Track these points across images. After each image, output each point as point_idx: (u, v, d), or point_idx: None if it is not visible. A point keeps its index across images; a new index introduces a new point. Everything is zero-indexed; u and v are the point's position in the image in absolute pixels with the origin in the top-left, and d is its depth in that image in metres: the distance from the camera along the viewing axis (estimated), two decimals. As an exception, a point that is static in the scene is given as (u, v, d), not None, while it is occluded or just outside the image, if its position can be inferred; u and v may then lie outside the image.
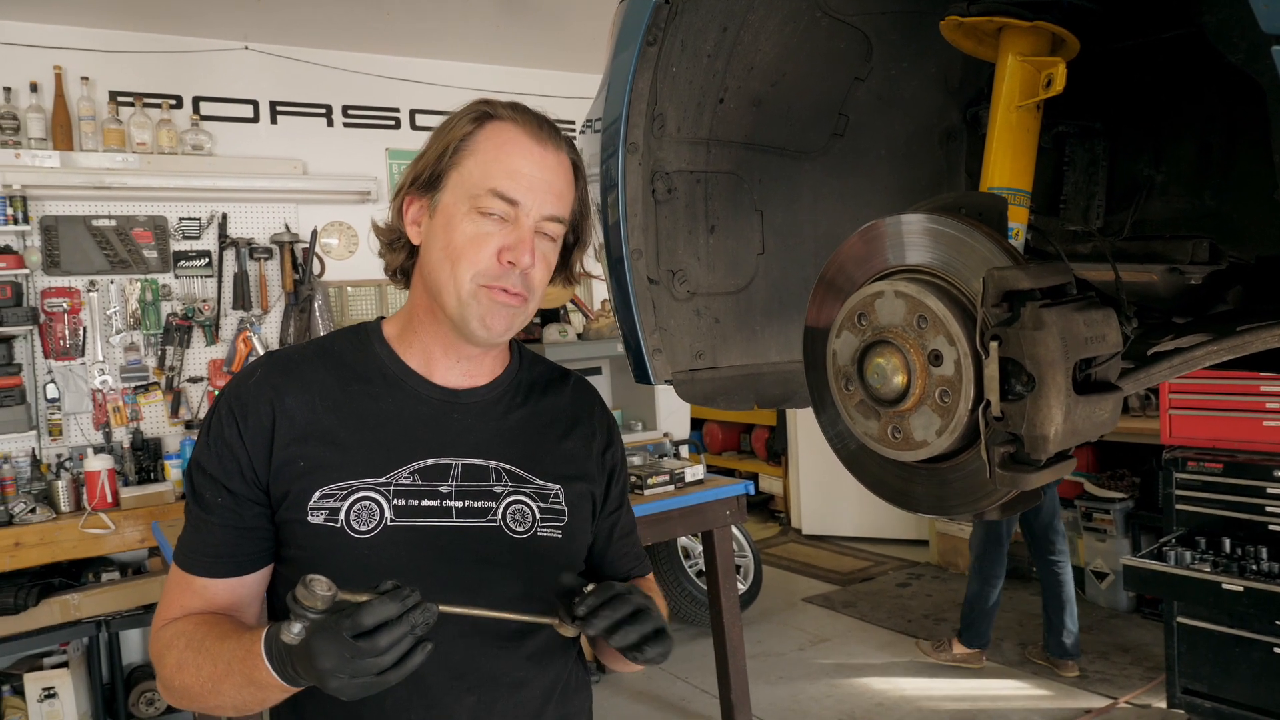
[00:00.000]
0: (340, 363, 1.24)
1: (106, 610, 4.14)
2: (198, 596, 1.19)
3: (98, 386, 4.48)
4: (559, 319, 5.43)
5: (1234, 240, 1.17)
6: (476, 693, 1.20)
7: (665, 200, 1.37)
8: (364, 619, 0.94)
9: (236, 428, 1.17)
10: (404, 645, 0.96)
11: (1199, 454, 3.70)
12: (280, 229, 4.94)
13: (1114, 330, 0.94)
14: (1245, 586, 3.30)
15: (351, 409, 1.21)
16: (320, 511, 1.15)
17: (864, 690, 4.31)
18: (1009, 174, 1.11)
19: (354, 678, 0.95)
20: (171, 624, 1.19)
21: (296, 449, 1.17)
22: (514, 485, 1.24)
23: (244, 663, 1.05)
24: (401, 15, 4.75)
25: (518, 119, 1.18)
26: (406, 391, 1.24)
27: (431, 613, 0.98)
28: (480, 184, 1.15)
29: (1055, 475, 0.94)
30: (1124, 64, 1.24)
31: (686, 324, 1.42)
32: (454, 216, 1.16)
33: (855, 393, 1.07)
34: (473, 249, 1.15)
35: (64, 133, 4.42)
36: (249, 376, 1.22)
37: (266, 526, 1.19)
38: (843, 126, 1.47)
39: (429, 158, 1.18)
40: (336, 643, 0.95)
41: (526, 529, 1.23)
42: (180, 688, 1.14)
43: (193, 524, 1.21)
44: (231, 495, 1.17)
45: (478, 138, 1.17)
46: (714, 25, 1.29)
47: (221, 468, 1.17)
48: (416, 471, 1.20)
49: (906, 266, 1.04)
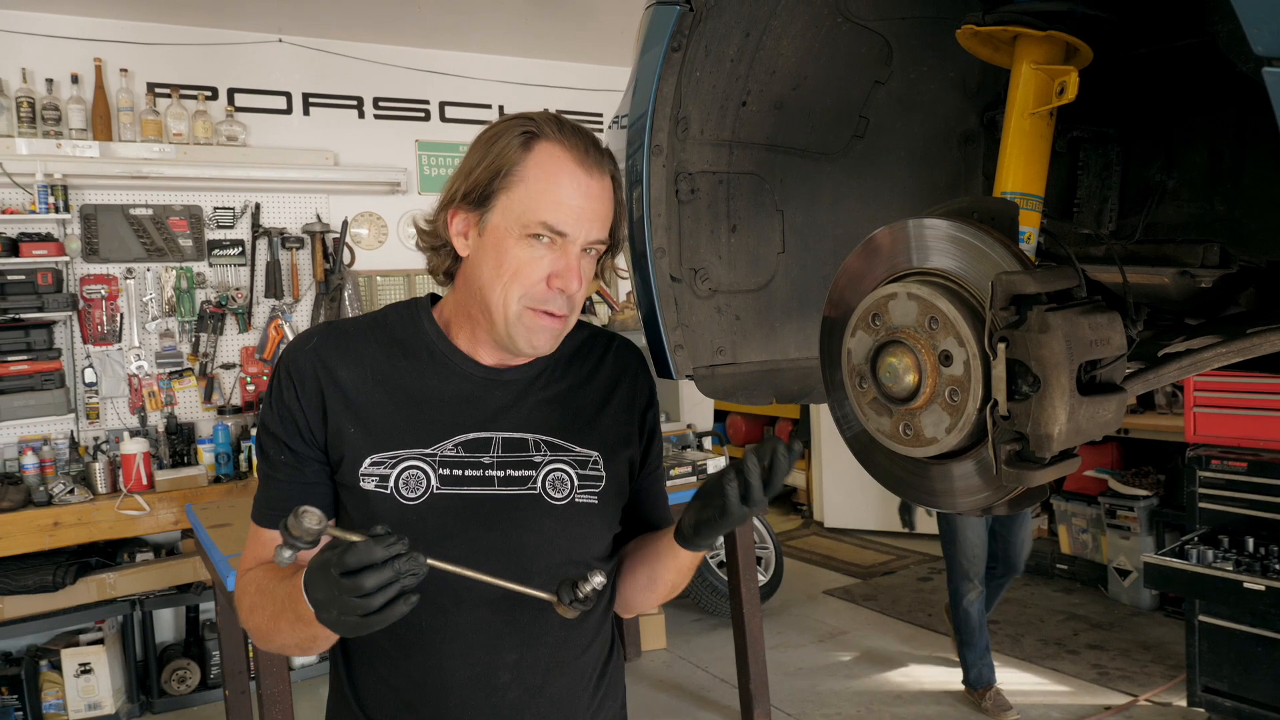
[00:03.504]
0: (391, 338, 1.31)
1: (141, 590, 4.26)
2: (268, 548, 1.27)
3: (134, 372, 4.59)
4: (584, 311, 5.48)
5: (1244, 245, 1.19)
6: (519, 650, 1.27)
7: (688, 200, 1.41)
8: (348, 559, 0.99)
9: (295, 391, 1.25)
10: (389, 592, 0.99)
11: (1223, 452, 3.68)
12: (312, 219, 5.02)
13: (1118, 333, 0.97)
14: (1267, 586, 3.30)
15: (399, 384, 1.28)
16: (371, 478, 1.23)
17: (882, 683, 4.34)
18: (1022, 179, 1.14)
19: (343, 614, 1.00)
20: (248, 572, 1.28)
21: (347, 418, 1.25)
22: (553, 454, 1.31)
23: (292, 599, 1.11)
24: (432, 8, 4.81)
25: (565, 142, 1.21)
26: (451, 369, 1.30)
27: (419, 563, 1.01)
28: (531, 214, 1.20)
29: (1059, 473, 0.98)
30: (1137, 72, 1.26)
31: (708, 321, 1.46)
32: (504, 239, 1.21)
33: (869, 390, 1.11)
34: (524, 273, 1.21)
35: (103, 123, 4.52)
36: (306, 342, 1.29)
37: (328, 483, 1.28)
38: (863, 129, 1.50)
39: (479, 178, 1.22)
40: (326, 577, 1.01)
41: (565, 495, 1.29)
42: (254, 629, 1.23)
43: (263, 481, 1.30)
44: (293, 453, 1.26)
45: (527, 163, 1.20)
46: (737, 31, 1.33)
47: (284, 428, 1.26)
48: (460, 444, 1.27)
49: (920, 269, 1.08)
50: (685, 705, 4.24)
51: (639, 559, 1.39)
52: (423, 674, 1.26)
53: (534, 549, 1.27)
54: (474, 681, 1.26)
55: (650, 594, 1.39)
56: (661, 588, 1.37)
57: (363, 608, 0.99)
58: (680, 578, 1.36)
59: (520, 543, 1.26)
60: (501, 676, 1.26)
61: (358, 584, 0.99)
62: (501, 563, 1.22)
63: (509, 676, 1.27)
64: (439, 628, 1.24)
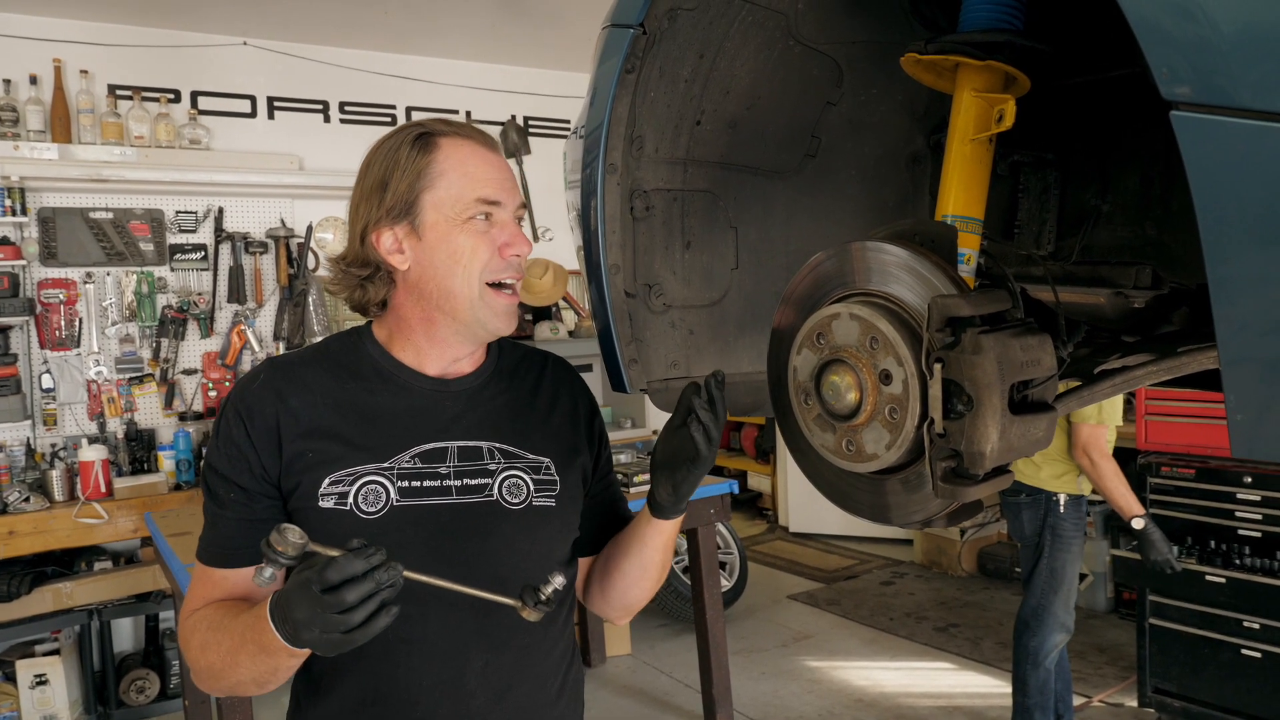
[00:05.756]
0: (337, 364, 1.34)
1: (98, 599, 4.20)
2: (217, 587, 1.28)
3: (93, 377, 4.54)
4: (551, 316, 5.49)
5: (1174, 268, 1.24)
6: (485, 656, 1.29)
7: (643, 218, 1.44)
8: (330, 574, 1.00)
9: (244, 429, 1.26)
10: (370, 606, 1.01)
11: (1173, 459, 3.78)
12: (276, 223, 5.00)
13: (1049, 355, 1.01)
14: (1227, 578, 3.50)
15: (351, 404, 1.30)
16: (330, 496, 1.25)
17: (844, 686, 4.39)
18: (963, 203, 1.18)
19: (325, 633, 1.02)
20: (195, 613, 1.27)
21: (303, 444, 1.26)
22: (507, 461, 1.33)
23: (254, 629, 1.13)
24: (400, 13, 4.80)
25: (460, 133, 1.30)
26: (400, 384, 1.33)
27: (397, 571, 1.03)
28: (465, 196, 1.26)
29: (993, 488, 1.01)
30: (1074, 99, 1.31)
31: (662, 335, 1.48)
32: (448, 231, 1.26)
33: (814, 407, 1.14)
34: (479, 251, 1.27)
35: (62, 125, 4.47)
36: (253, 381, 1.31)
37: (278, 518, 1.27)
38: (815, 148, 1.54)
39: (398, 189, 1.27)
40: (307, 595, 1.02)
41: (522, 500, 1.32)
42: (205, 668, 1.22)
43: (210, 521, 1.30)
44: (243, 491, 1.26)
45: (438, 159, 1.27)
46: (691, 52, 1.36)
47: (232, 467, 1.26)
48: (416, 455, 1.29)
49: (863, 290, 1.11)
50: (649, 711, 4.26)
51: (621, 555, 1.42)
52: (389, 683, 1.27)
53: (494, 554, 1.29)
54: (441, 687, 1.27)
55: (644, 582, 1.43)
56: (654, 570, 1.41)
57: (345, 623, 1.01)
58: (667, 555, 1.41)
59: (481, 549, 1.29)
60: (468, 682, 1.28)
61: (340, 598, 1.00)
62: (464, 570, 1.23)
63: (475, 682, 1.28)
64: (405, 636, 1.25)
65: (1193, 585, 3.62)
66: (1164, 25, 0.70)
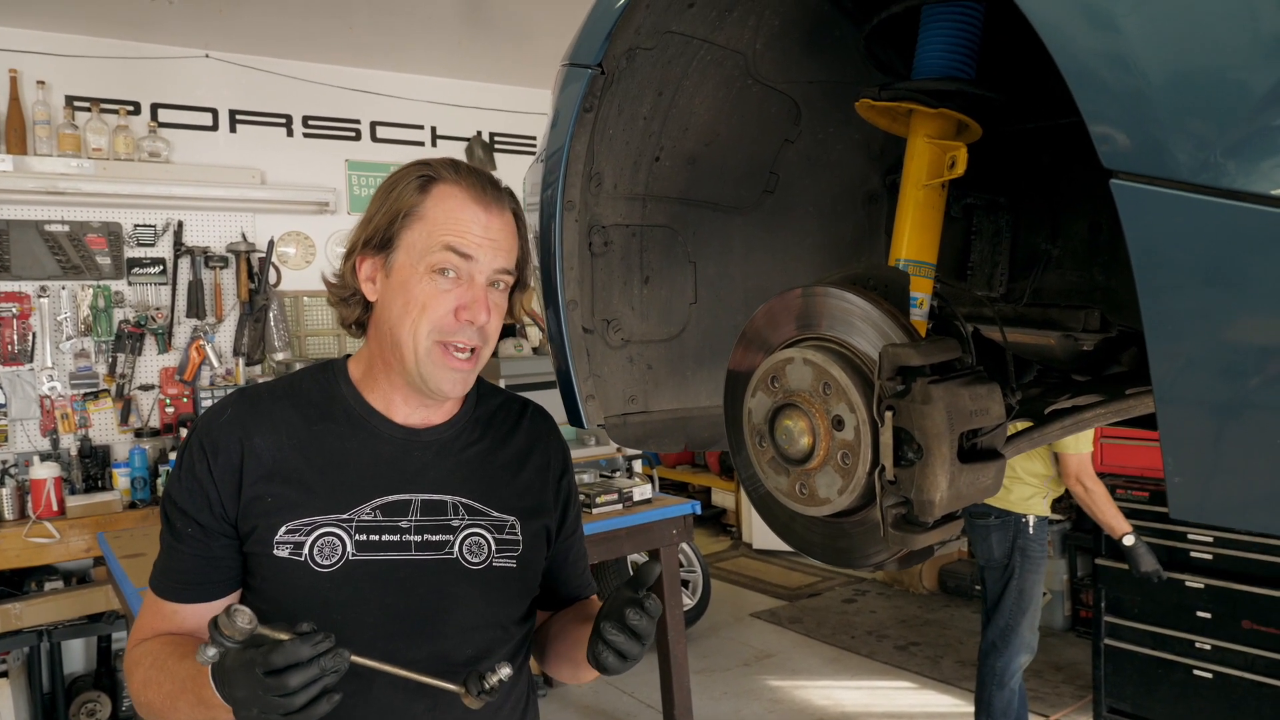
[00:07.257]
0: (308, 402, 1.31)
1: (49, 620, 4.11)
2: (167, 620, 1.26)
3: (46, 393, 4.45)
4: (515, 334, 5.47)
5: (1121, 312, 1.26)
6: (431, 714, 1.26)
7: (601, 253, 1.44)
8: (274, 658, 0.99)
9: (207, 464, 1.23)
10: (313, 691, 1.00)
11: (1128, 482, 3.85)
12: (237, 238, 4.94)
13: (997, 403, 1.02)
14: (1205, 584, 3.60)
15: (317, 448, 1.27)
16: (285, 546, 1.22)
17: (805, 706, 4.40)
18: (915, 247, 1.19)
19: (264, 713, 1.00)
20: (142, 644, 1.25)
21: (264, 487, 1.23)
22: (471, 518, 1.31)
23: (194, 681, 1.11)
24: (364, 28, 4.78)
25: (462, 182, 1.25)
26: (369, 431, 1.30)
27: (343, 659, 1.02)
28: (434, 242, 1.22)
29: (942, 536, 1.02)
30: (1025, 145, 1.33)
31: (620, 370, 1.48)
32: (410, 276, 1.23)
33: (768, 449, 1.15)
34: (432, 307, 1.22)
35: (18, 136, 4.39)
36: (220, 414, 1.28)
37: (234, 557, 1.25)
38: (773, 184, 1.55)
39: (379, 223, 1.24)
40: (250, 676, 1.00)
41: (482, 560, 1.30)
42: (146, 703, 1.20)
43: (165, 551, 1.28)
44: (201, 527, 1.24)
45: (425, 203, 1.24)
46: (650, 90, 1.36)
47: (192, 501, 1.24)
48: (378, 508, 1.26)
49: (817, 335, 1.12)
50: (610, 731, 4.24)
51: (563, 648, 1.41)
52: None
53: (451, 613, 1.27)
54: None
55: (575, 680, 1.43)
56: (586, 677, 1.39)
57: (285, 706, 0.99)
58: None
59: (437, 607, 1.26)
60: None
61: (282, 683, 0.99)
62: (418, 627, 1.22)
63: None
64: (352, 693, 1.23)
65: (1147, 605, 3.68)
66: (1103, 104, 0.72)
